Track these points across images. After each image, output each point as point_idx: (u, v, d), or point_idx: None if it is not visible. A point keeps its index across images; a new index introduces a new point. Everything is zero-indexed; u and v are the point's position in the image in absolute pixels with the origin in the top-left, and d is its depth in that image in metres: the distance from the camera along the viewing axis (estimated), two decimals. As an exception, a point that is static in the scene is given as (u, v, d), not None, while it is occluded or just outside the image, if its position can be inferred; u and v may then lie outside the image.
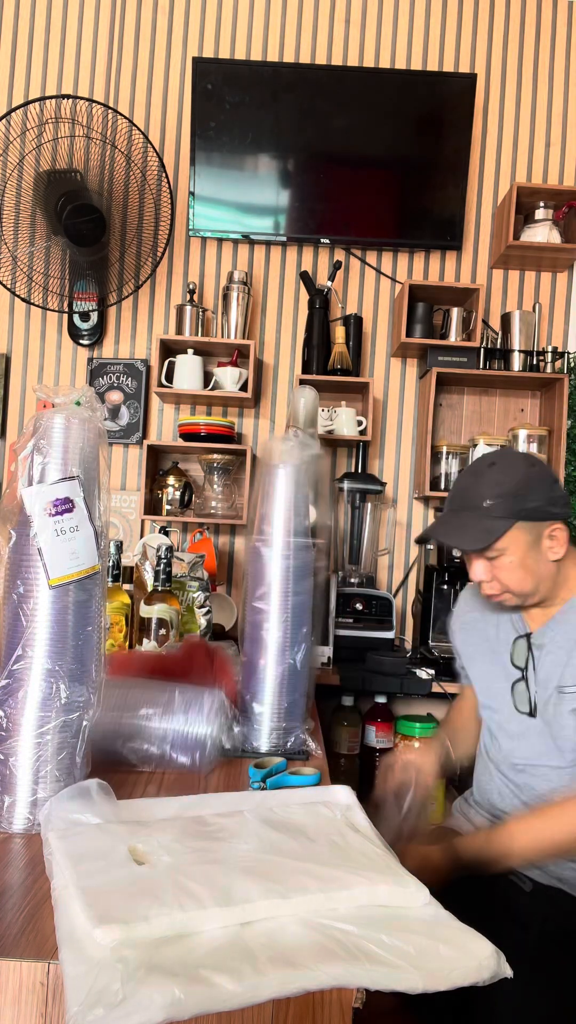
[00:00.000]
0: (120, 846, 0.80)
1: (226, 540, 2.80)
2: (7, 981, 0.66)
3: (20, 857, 0.85)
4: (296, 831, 0.87)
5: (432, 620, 2.44)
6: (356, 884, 0.76)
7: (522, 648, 1.38)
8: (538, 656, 1.36)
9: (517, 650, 1.39)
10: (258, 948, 0.67)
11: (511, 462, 1.32)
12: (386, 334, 2.83)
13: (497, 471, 1.31)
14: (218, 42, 2.82)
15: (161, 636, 1.72)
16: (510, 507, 1.27)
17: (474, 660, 1.49)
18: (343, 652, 2.38)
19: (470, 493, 1.31)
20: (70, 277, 2.61)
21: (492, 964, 0.68)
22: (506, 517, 1.27)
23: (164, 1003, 0.58)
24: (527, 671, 1.37)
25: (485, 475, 1.31)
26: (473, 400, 2.81)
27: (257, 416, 2.82)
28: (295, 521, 1.29)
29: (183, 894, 0.71)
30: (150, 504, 2.66)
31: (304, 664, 1.30)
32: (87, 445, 0.95)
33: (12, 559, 0.93)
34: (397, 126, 2.67)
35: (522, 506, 1.27)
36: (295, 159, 2.69)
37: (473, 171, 2.80)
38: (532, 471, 1.31)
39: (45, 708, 0.92)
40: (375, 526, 2.64)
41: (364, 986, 0.64)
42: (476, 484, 1.31)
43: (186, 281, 2.81)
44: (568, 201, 2.61)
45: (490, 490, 1.29)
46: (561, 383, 2.59)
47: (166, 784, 1.10)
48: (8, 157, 2.45)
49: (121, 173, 2.53)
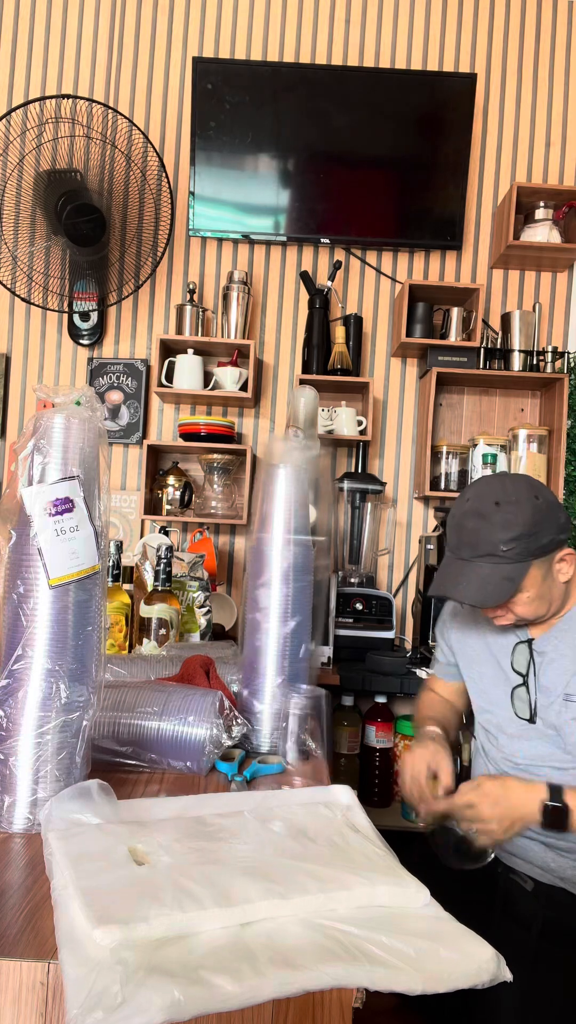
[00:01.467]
0: (120, 846, 0.80)
1: (226, 540, 2.80)
2: (7, 981, 0.66)
3: (20, 857, 0.85)
4: (296, 831, 0.87)
5: (432, 620, 2.43)
6: (356, 885, 0.76)
7: (523, 654, 1.38)
8: (540, 662, 1.35)
9: (518, 655, 1.39)
10: (258, 949, 0.67)
11: (517, 498, 1.25)
12: (386, 334, 2.83)
13: (505, 511, 1.24)
14: (218, 42, 2.82)
15: (161, 636, 1.72)
16: (525, 549, 1.23)
17: (472, 662, 1.48)
18: (343, 652, 2.38)
19: (481, 538, 1.25)
20: (70, 277, 2.61)
21: (492, 967, 0.68)
22: (523, 560, 1.24)
23: (164, 1004, 0.58)
24: (528, 677, 1.36)
25: (493, 517, 1.25)
26: (473, 400, 2.81)
27: (257, 416, 2.82)
28: (295, 521, 1.29)
29: (183, 895, 0.71)
30: (150, 504, 2.66)
31: (304, 664, 1.30)
32: (87, 445, 0.95)
33: (12, 559, 0.93)
34: (397, 126, 2.67)
35: (536, 545, 1.24)
36: (295, 159, 2.69)
37: (473, 171, 2.80)
38: (539, 504, 1.26)
39: (45, 708, 0.91)
40: (375, 526, 2.64)
41: (364, 986, 0.64)
42: (486, 528, 1.25)
43: (186, 281, 2.81)
44: (568, 201, 2.61)
45: (503, 533, 1.23)
46: (561, 383, 2.59)
47: (166, 784, 1.10)
48: (8, 157, 2.45)
49: (121, 173, 2.52)
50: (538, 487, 1.30)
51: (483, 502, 1.27)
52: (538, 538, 1.24)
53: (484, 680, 1.44)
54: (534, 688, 1.35)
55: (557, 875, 1.29)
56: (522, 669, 1.37)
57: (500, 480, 1.31)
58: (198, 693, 1.19)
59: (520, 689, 1.37)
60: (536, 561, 1.25)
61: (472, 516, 1.27)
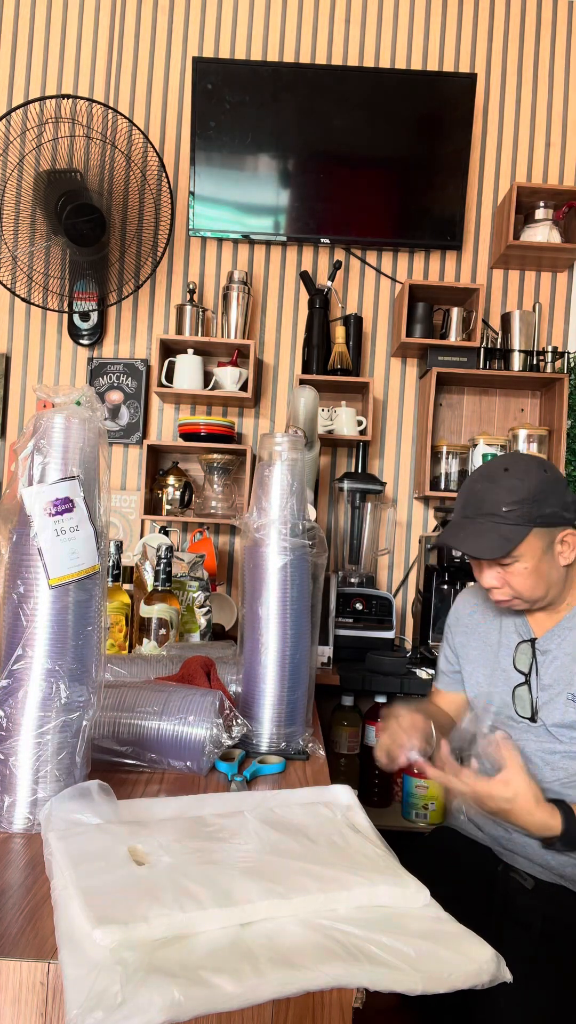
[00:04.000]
0: (120, 846, 0.80)
1: (226, 540, 2.80)
2: (7, 981, 0.66)
3: (20, 857, 0.85)
4: (296, 831, 0.87)
5: (432, 620, 2.43)
6: (356, 885, 0.76)
7: (526, 652, 1.38)
8: (542, 661, 1.35)
9: (520, 654, 1.39)
10: (258, 949, 0.67)
11: (525, 467, 1.30)
12: (386, 334, 2.83)
13: (512, 476, 1.28)
14: (218, 42, 2.82)
15: (161, 636, 1.72)
16: (527, 513, 1.26)
17: (475, 664, 1.48)
18: (343, 652, 2.38)
19: (486, 499, 1.28)
20: (70, 277, 2.61)
21: (491, 968, 0.68)
22: (523, 524, 1.26)
23: (164, 1005, 0.58)
24: (530, 676, 1.36)
25: (500, 480, 1.28)
26: (473, 400, 2.81)
27: (257, 416, 2.82)
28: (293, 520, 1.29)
29: (183, 895, 0.71)
30: (150, 504, 2.66)
31: (304, 664, 1.30)
32: (87, 445, 0.95)
33: (12, 559, 0.93)
34: (397, 126, 2.67)
35: (539, 512, 1.26)
36: (295, 159, 2.68)
37: (473, 171, 2.80)
38: (546, 476, 1.29)
39: (45, 708, 0.91)
40: (375, 526, 2.64)
41: (364, 986, 0.64)
42: (492, 489, 1.28)
43: (186, 281, 2.81)
44: (568, 201, 2.61)
45: (507, 496, 1.26)
46: (561, 383, 2.59)
47: (166, 784, 1.10)
48: (8, 157, 2.45)
49: (121, 173, 2.52)
50: (548, 464, 1.33)
51: (494, 468, 1.32)
52: (540, 506, 1.26)
53: (486, 682, 1.45)
54: (536, 687, 1.35)
55: (557, 872, 1.29)
56: (524, 668, 1.37)
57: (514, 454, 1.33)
58: (198, 693, 1.19)
59: (521, 688, 1.37)
60: (537, 530, 1.27)
61: (481, 479, 1.32)
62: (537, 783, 1.17)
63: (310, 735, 1.31)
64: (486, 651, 1.46)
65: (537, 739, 1.34)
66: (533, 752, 1.34)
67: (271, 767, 1.18)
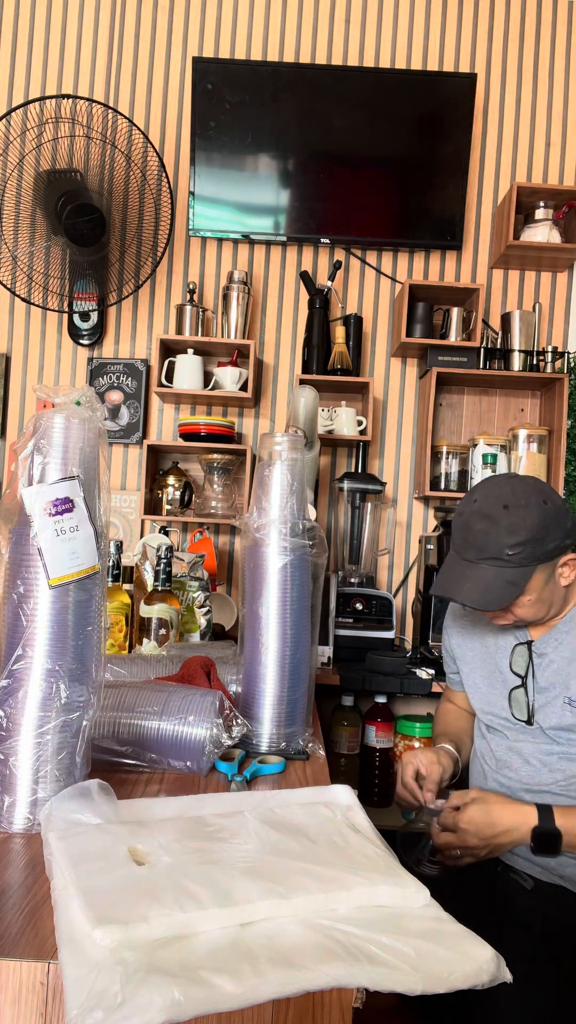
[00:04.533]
0: (120, 846, 0.80)
1: (226, 540, 2.80)
2: (7, 981, 0.66)
3: (20, 857, 0.85)
4: (296, 831, 0.87)
5: (432, 620, 2.43)
6: (356, 885, 0.76)
7: (523, 655, 1.38)
8: (539, 664, 1.35)
9: (517, 657, 1.38)
10: (258, 949, 0.67)
11: (526, 502, 1.24)
12: (386, 334, 2.83)
13: (513, 515, 1.23)
14: (218, 42, 2.82)
15: (161, 636, 1.72)
16: (531, 553, 1.23)
17: (472, 666, 1.48)
18: (343, 652, 2.38)
19: (488, 541, 1.24)
20: (70, 277, 2.61)
21: (491, 968, 0.68)
22: (527, 564, 1.23)
23: (164, 1005, 0.58)
24: (527, 678, 1.36)
25: (500, 520, 1.24)
26: (473, 400, 2.81)
27: (257, 416, 2.82)
28: (293, 520, 1.29)
29: (183, 895, 0.71)
30: (150, 504, 2.66)
31: (304, 664, 1.30)
32: (87, 445, 0.95)
33: (12, 559, 0.93)
34: (397, 126, 2.67)
35: (542, 550, 1.24)
36: (295, 159, 2.68)
37: (473, 171, 2.80)
38: (547, 510, 1.25)
39: (45, 708, 0.91)
40: (375, 526, 2.64)
41: (364, 986, 0.64)
42: (493, 531, 1.24)
43: (186, 281, 2.81)
44: (568, 201, 2.61)
45: (509, 538, 1.22)
46: (561, 383, 2.59)
47: (166, 784, 1.10)
48: (8, 157, 2.45)
49: (121, 173, 2.52)
50: (547, 491, 1.29)
51: (491, 504, 1.26)
52: (544, 543, 1.23)
53: (483, 683, 1.45)
54: (532, 690, 1.35)
55: (556, 872, 1.29)
56: (521, 671, 1.37)
57: (509, 482, 1.29)
58: (198, 693, 1.19)
59: (518, 691, 1.37)
60: (540, 566, 1.25)
61: (479, 518, 1.26)
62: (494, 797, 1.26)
63: (310, 735, 1.31)
64: (482, 652, 1.46)
65: (534, 741, 1.34)
66: (531, 754, 1.34)
67: (271, 767, 1.18)
